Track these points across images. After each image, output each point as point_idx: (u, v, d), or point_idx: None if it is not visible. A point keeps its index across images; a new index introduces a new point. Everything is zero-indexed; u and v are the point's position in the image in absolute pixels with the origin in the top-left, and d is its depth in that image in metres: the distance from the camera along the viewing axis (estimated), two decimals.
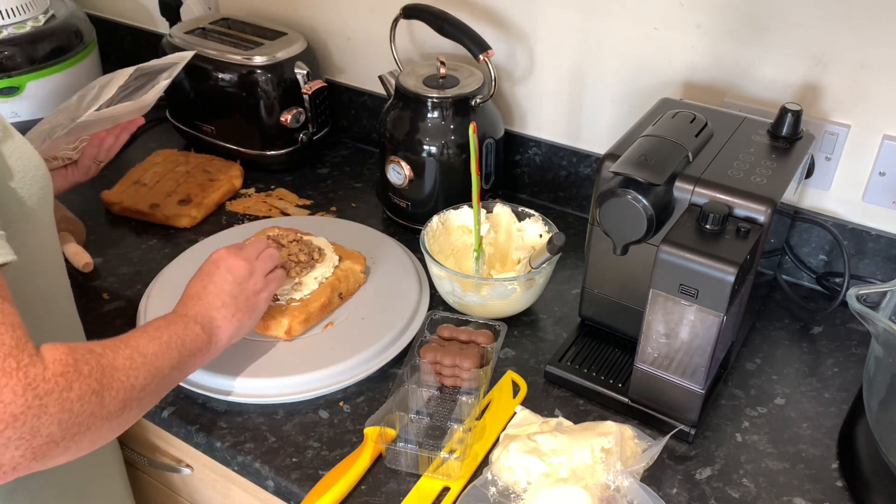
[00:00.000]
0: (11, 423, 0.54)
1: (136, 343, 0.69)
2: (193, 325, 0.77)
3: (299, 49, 1.26)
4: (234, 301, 0.82)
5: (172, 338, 0.73)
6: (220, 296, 0.82)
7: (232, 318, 0.81)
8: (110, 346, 0.66)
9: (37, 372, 0.56)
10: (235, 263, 0.84)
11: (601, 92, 1.13)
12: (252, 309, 0.85)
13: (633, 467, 0.77)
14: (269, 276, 0.88)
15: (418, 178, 1.12)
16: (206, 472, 0.99)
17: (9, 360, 0.55)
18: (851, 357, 0.96)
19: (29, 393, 0.55)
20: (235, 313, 0.82)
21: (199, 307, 0.80)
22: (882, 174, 0.97)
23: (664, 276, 0.75)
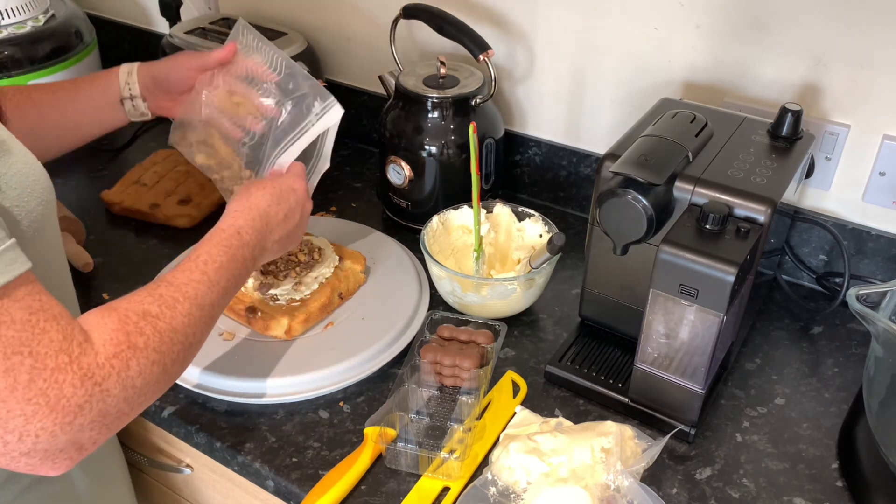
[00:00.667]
0: (79, 413, 0.56)
1: (196, 292, 0.67)
2: (250, 258, 0.75)
3: (299, 49, 1.26)
4: (287, 239, 0.82)
5: (231, 280, 0.71)
6: (283, 230, 0.80)
7: (273, 255, 0.82)
8: (169, 301, 0.65)
9: (90, 360, 0.57)
10: (308, 206, 0.84)
11: (601, 92, 1.13)
12: (285, 251, 0.85)
13: (633, 467, 0.78)
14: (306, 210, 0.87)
15: (418, 178, 1.12)
16: (206, 472, 0.99)
17: (61, 355, 0.56)
18: (851, 357, 0.96)
19: (88, 382, 0.56)
20: (279, 251, 0.82)
21: (262, 235, 0.77)
22: (882, 174, 0.97)
23: (664, 276, 0.75)
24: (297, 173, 0.85)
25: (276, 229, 0.80)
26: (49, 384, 0.55)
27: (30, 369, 0.54)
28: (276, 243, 0.81)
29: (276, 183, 0.82)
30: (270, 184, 0.82)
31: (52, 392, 0.55)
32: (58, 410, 0.55)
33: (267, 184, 0.82)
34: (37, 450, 0.55)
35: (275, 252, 0.82)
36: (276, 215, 0.80)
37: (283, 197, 0.81)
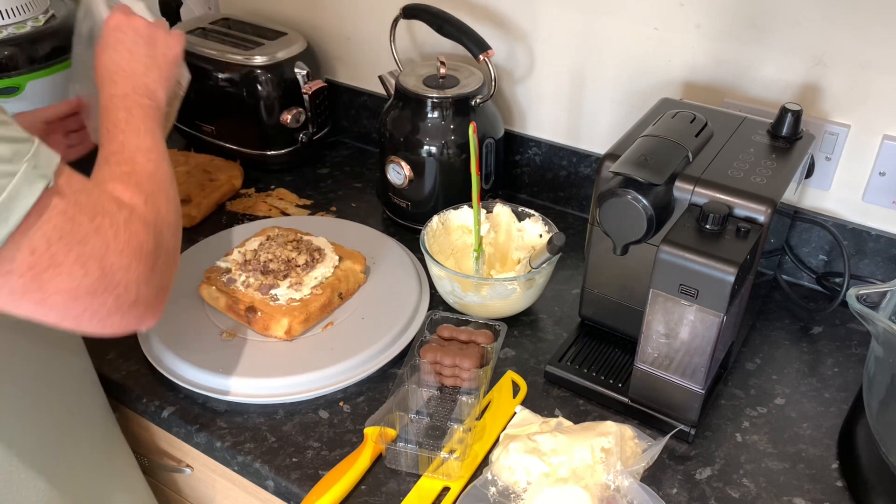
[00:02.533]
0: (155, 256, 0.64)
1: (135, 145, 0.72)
2: (144, 97, 0.77)
3: (299, 49, 1.26)
4: (155, 61, 0.81)
5: (145, 122, 0.75)
6: (142, 60, 0.80)
7: (161, 79, 0.81)
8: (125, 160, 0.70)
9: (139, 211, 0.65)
10: (137, 25, 0.82)
11: (601, 92, 1.13)
12: (172, 62, 0.83)
13: (633, 467, 0.78)
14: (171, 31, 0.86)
15: (418, 178, 1.12)
16: (206, 472, 0.99)
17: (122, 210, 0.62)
18: (851, 357, 0.96)
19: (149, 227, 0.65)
20: (161, 72, 0.81)
21: (130, 81, 0.78)
22: (882, 174, 0.97)
23: (664, 276, 0.75)
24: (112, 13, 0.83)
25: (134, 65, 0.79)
26: (129, 235, 0.62)
27: (110, 225, 0.60)
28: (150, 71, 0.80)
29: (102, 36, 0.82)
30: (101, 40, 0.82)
31: (133, 241, 0.62)
32: (142, 257, 0.63)
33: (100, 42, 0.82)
34: (140, 298, 0.63)
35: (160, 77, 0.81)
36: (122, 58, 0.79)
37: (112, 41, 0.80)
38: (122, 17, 0.82)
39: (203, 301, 0.99)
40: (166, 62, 0.83)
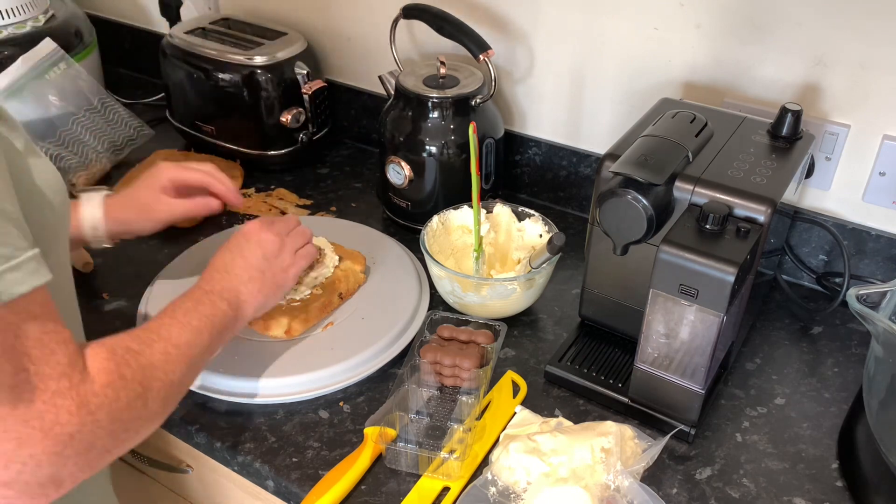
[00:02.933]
0: (69, 443, 0.55)
1: (169, 334, 0.68)
2: (220, 301, 0.76)
3: (299, 49, 1.26)
4: (262, 276, 0.82)
5: (202, 321, 0.73)
6: (247, 270, 0.81)
7: (258, 294, 0.81)
8: (145, 340, 0.66)
9: (87, 388, 0.57)
10: (266, 238, 0.83)
11: (601, 92, 1.13)
12: (279, 285, 0.84)
13: (633, 467, 0.77)
14: (299, 252, 0.88)
15: (418, 178, 1.12)
16: (206, 472, 0.99)
17: (63, 380, 0.55)
18: (851, 357, 0.96)
19: (83, 411, 0.56)
20: (262, 288, 0.82)
21: (225, 282, 0.79)
22: (882, 174, 0.97)
23: (664, 276, 0.75)
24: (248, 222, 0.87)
25: (239, 271, 0.81)
26: (48, 407, 0.54)
27: (33, 389, 0.53)
28: (250, 283, 0.81)
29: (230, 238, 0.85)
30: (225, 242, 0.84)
31: (48, 416, 0.53)
32: (50, 437, 0.54)
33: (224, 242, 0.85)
34: (19, 481, 0.53)
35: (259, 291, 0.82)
36: (231, 260, 0.81)
37: (232, 245, 0.83)
38: (258, 226, 0.85)
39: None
40: (273, 283, 0.83)
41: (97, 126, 1.31)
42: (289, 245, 0.86)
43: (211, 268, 0.80)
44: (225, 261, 0.81)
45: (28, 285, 0.53)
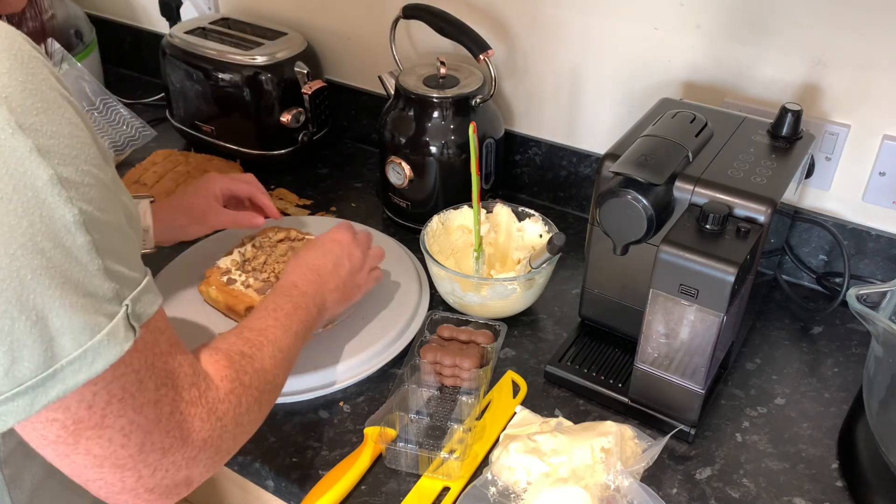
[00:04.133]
0: (203, 447, 0.58)
1: (275, 336, 0.71)
2: (313, 307, 0.79)
3: (299, 49, 1.26)
4: (344, 287, 0.85)
5: (300, 325, 0.75)
6: (335, 279, 0.83)
7: (336, 305, 0.84)
8: (256, 343, 0.68)
9: (214, 395, 0.60)
10: (355, 252, 0.86)
11: (601, 92, 1.13)
12: (350, 299, 0.87)
13: (633, 467, 0.77)
14: (371, 273, 0.91)
15: (418, 178, 1.12)
16: None
17: (193, 389, 0.58)
18: (851, 357, 0.96)
19: (213, 417, 0.59)
20: (340, 299, 0.85)
21: (317, 286, 0.81)
22: (882, 174, 0.97)
23: (664, 276, 0.75)
24: (341, 226, 0.90)
25: (329, 278, 0.83)
26: (184, 417, 0.56)
27: (171, 401, 0.55)
28: (334, 292, 0.84)
29: (322, 238, 0.88)
30: (318, 240, 0.88)
31: (185, 425, 0.56)
32: (188, 444, 0.57)
33: (316, 240, 0.88)
34: (161, 485, 0.57)
35: (337, 301, 0.84)
36: (325, 266, 0.84)
37: (327, 249, 0.86)
38: (349, 235, 0.88)
39: (203, 301, 0.99)
40: (348, 296, 0.86)
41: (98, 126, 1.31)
42: (368, 264, 0.90)
43: (305, 266, 0.83)
44: (319, 264, 0.83)
45: (157, 304, 0.55)
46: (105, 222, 0.50)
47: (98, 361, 0.49)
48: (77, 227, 0.47)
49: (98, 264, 0.49)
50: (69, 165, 0.48)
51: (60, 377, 0.48)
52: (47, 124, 0.47)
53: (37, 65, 0.48)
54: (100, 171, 0.51)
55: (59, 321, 0.47)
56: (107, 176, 0.52)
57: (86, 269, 0.48)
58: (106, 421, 0.52)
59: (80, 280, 0.48)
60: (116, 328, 0.50)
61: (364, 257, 0.88)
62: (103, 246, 0.49)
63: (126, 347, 0.50)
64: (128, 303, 0.51)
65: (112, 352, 0.49)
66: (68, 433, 0.51)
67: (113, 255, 0.50)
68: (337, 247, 0.86)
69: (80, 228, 0.47)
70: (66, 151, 0.48)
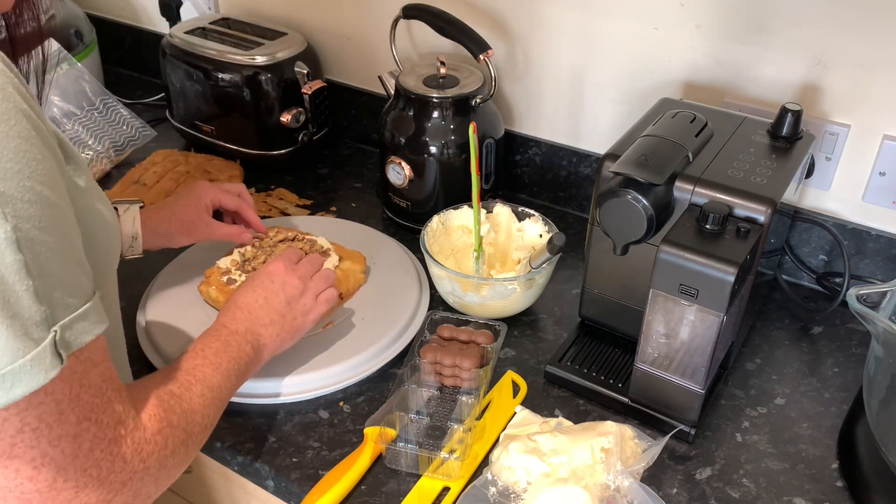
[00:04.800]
0: (120, 490, 0.55)
1: (204, 375, 0.69)
2: (245, 344, 0.76)
3: (299, 49, 1.26)
4: (282, 320, 0.81)
5: (231, 363, 0.73)
6: (269, 313, 0.80)
7: (276, 338, 0.80)
8: (184, 383, 0.66)
9: (140, 435, 0.57)
10: (290, 281, 0.83)
11: (601, 92, 1.13)
12: (298, 329, 0.83)
13: (633, 467, 0.78)
14: (320, 296, 0.86)
15: (418, 178, 1.12)
16: (206, 472, 0.99)
17: (119, 427, 0.55)
18: (851, 357, 0.96)
19: (136, 458, 0.56)
20: (280, 332, 0.81)
21: (248, 323, 0.78)
22: (882, 174, 0.97)
23: (664, 276, 0.75)
24: (275, 258, 0.87)
25: (260, 313, 0.80)
26: (105, 455, 0.54)
27: (93, 438, 0.53)
28: (269, 326, 0.80)
29: (253, 274, 0.85)
30: (250, 277, 0.85)
31: (105, 465, 0.54)
32: (105, 485, 0.54)
33: (248, 278, 0.85)
34: None
35: (277, 335, 0.81)
36: (255, 301, 0.81)
37: (257, 284, 0.82)
38: (281, 265, 0.84)
39: (203, 301, 0.99)
40: (292, 327, 0.82)
41: (98, 126, 1.31)
42: (311, 289, 0.85)
43: (234, 305, 0.80)
44: (248, 301, 0.80)
45: (93, 333, 0.52)
46: (43, 242, 0.48)
47: (17, 387, 0.46)
48: (7, 244, 0.45)
49: (27, 285, 0.47)
50: (9, 180, 0.46)
51: None
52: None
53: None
54: (46, 189, 0.49)
55: None
56: (57, 194, 0.50)
57: (12, 290, 0.46)
58: (15, 451, 0.49)
59: (5, 300, 0.46)
60: (42, 354, 0.47)
61: (304, 283, 0.84)
62: (37, 266, 0.47)
63: (50, 376, 0.48)
64: (56, 329, 0.49)
65: (34, 379, 0.47)
66: None
67: (47, 276, 0.48)
68: (267, 279, 0.83)
69: (10, 246, 0.45)
70: (8, 166, 0.46)
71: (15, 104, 0.48)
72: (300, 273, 0.85)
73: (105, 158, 1.30)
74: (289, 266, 0.85)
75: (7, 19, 0.64)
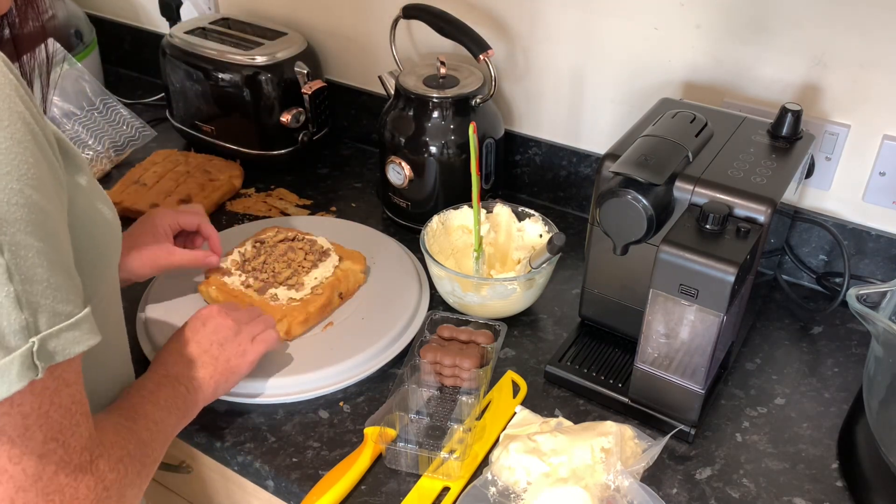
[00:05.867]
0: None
1: (145, 411, 0.68)
2: (178, 385, 0.75)
3: (299, 49, 1.26)
4: (214, 362, 0.79)
5: (168, 401, 0.72)
6: (200, 356, 0.78)
7: (209, 380, 0.78)
8: (130, 416, 0.66)
9: (105, 464, 0.57)
10: (222, 323, 0.81)
11: (601, 92, 1.13)
12: (232, 371, 0.81)
13: (633, 467, 0.78)
14: (258, 338, 0.84)
15: (418, 178, 1.12)
16: (206, 472, 0.99)
17: (84, 453, 0.54)
18: (851, 357, 0.96)
19: (99, 486, 0.55)
20: (213, 374, 0.79)
21: (179, 366, 0.77)
22: (882, 174, 0.97)
23: (664, 276, 0.75)
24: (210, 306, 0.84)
25: (193, 356, 0.78)
26: (69, 481, 0.53)
27: (59, 460, 0.52)
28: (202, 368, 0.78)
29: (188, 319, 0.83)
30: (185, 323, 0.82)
31: (68, 491, 0.53)
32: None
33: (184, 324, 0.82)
34: None
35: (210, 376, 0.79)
36: (187, 345, 0.79)
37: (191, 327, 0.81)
38: (215, 311, 0.82)
39: (203, 301, 0.99)
40: (226, 368, 0.80)
41: (98, 126, 1.31)
42: (246, 331, 0.83)
43: (167, 349, 0.79)
44: (179, 344, 0.79)
45: (84, 345, 0.51)
46: (28, 245, 0.47)
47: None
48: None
49: (6, 291, 0.45)
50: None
51: None
52: None
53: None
54: (36, 193, 0.48)
55: None
56: (47, 198, 0.49)
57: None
58: None
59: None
60: (10, 364, 0.46)
61: (238, 325, 0.82)
62: (20, 271, 0.46)
63: (15, 388, 0.46)
64: (35, 340, 0.47)
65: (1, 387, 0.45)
66: None
67: (32, 282, 0.47)
68: (198, 322, 0.81)
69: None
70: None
71: (11, 106, 0.47)
72: (235, 316, 0.83)
73: (105, 158, 1.30)
74: (222, 309, 0.83)
75: (9, 18, 0.64)
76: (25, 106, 0.49)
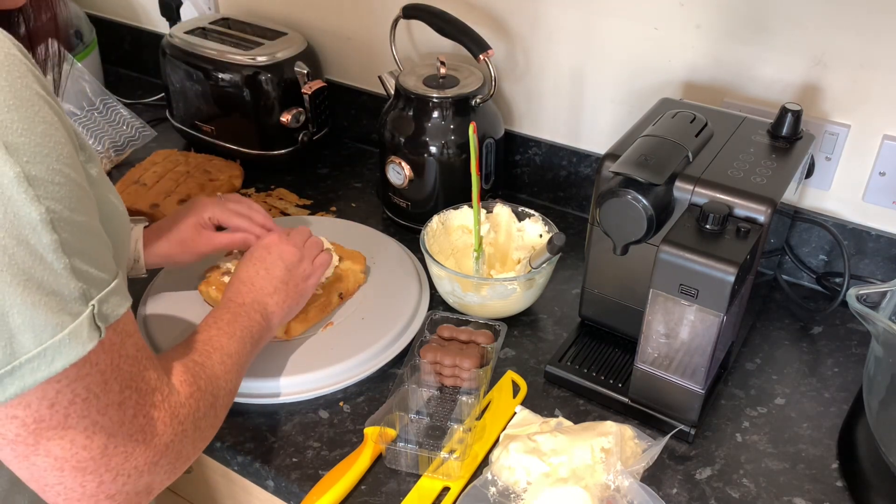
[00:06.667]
0: (165, 452, 0.59)
1: (220, 344, 0.72)
2: (254, 313, 0.79)
3: (299, 49, 1.26)
4: (286, 287, 0.84)
5: (244, 331, 0.76)
6: (272, 282, 0.84)
7: (283, 304, 0.84)
8: (203, 352, 0.70)
9: (176, 399, 0.61)
10: (287, 249, 0.86)
11: (601, 92, 1.13)
12: (301, 294, 0.87)
13: (633, 467, 0.78)
14: (316, 260, 0.90)
15: (418, 178, 1.12)
16: (206, 473, 0.99)
17: (156, 394, 0.58)
18: (851, 357, 0.96)
19: (175, 421, 0.60)
20: (286, 299, 0.84)
21: (253, 294, 0.82)
22: (882, 174, 0.97)
23: (664, 276, 0.75)
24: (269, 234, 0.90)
25: (264, 283, 0.83)
26: (147, 421, 0.57)
27: (135, 404, 0.56)
28: (274, 294, 0.83)
29: (250, 249, 0.88)
30: (247, 253, 0.87)
31: (149, 429, 0.57)
32: (151, 448, 0.57)
33: (245, 255, 0.87)
34: (123, 491, 0.56)
35: (283, 301, 0.84)
36: (256, 273, 0.84)
37: (256, 257, 0.86)
38: (276, 239, 0.88)
39: (203, 301, 0.99)
40: (296, 291, 0.86)
41: (98, 126, 1.31)
42: (307, 254, 0.89)
43: (237, 280, 0.83)
44: (249, 274, 0.84)
45: (125, 307, 0.55)
46: (75, 222, 0.50)
47: (58, 360, 0.49)
48: (43, 225, 0.47)
49: (64, 263, 0.49)
50: (39, 163, 0.47)
51: (19, 374, 0.48)
52: (17, 121, 0.47)
53: (13, 62, 0.48)
54: (72, 171, 0.51)
55: (20, 318, 0.47)
56: (80, 176, 0.52)
57: (50, 268, 0.48)
58: (69, 421, 0.51)
59: (43, 278, 0.48)
60: (80, 328, 0.50)
61: (300, 250, 0.88)
62: (71, 245, 0.49)
63: (89, 347, 0.50)
64: (94, 303, 0.51)
65: (74, 351, 0.49)
66: (28, 432, 0.51)
67: (81, 254, 0.50)
68: (263, 251, 0.86)
69: (46, 227, 0.47)
70: (37, 149, 0.48)
71: (36, 91, 0.49)
72: (294, 241, 0.88)
73: (105, 158, 1.30)
74: (282, 236, 0.88)
75: (25, 13, 0.66)
76: (46, 92, 0.51)
